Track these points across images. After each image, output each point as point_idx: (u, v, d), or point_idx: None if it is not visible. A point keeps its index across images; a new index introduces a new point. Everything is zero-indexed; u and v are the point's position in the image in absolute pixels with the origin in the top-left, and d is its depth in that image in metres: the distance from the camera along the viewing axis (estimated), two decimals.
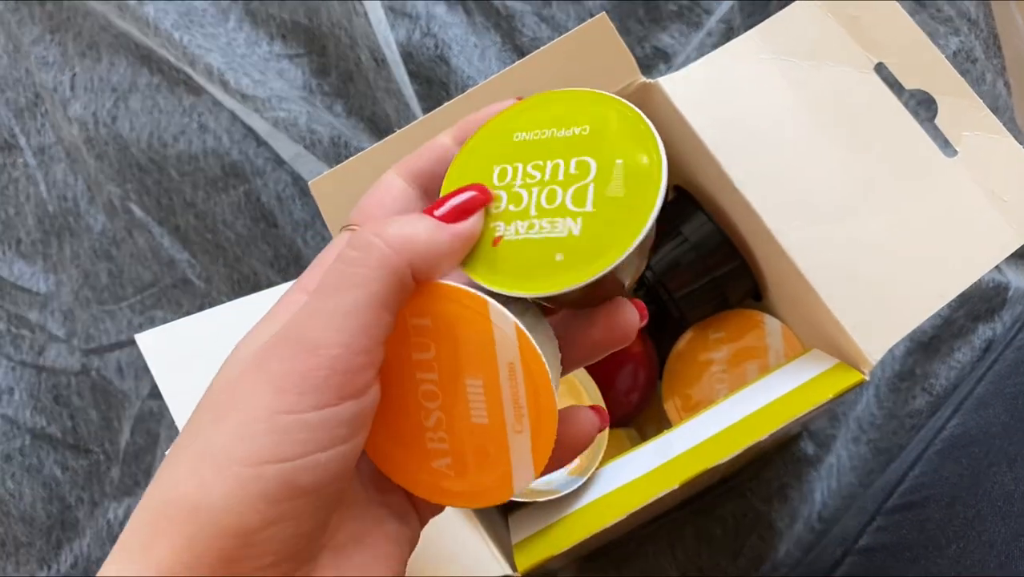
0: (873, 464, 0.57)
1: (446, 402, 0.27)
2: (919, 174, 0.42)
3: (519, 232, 0.27)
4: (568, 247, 0.26)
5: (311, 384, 0.22)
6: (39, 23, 0.65)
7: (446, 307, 0.26)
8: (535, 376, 0.25)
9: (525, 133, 0.29)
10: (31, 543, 0.59)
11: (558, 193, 0.27)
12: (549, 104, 0.29)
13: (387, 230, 0.24)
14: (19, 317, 0.62)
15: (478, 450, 0.27)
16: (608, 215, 0.27)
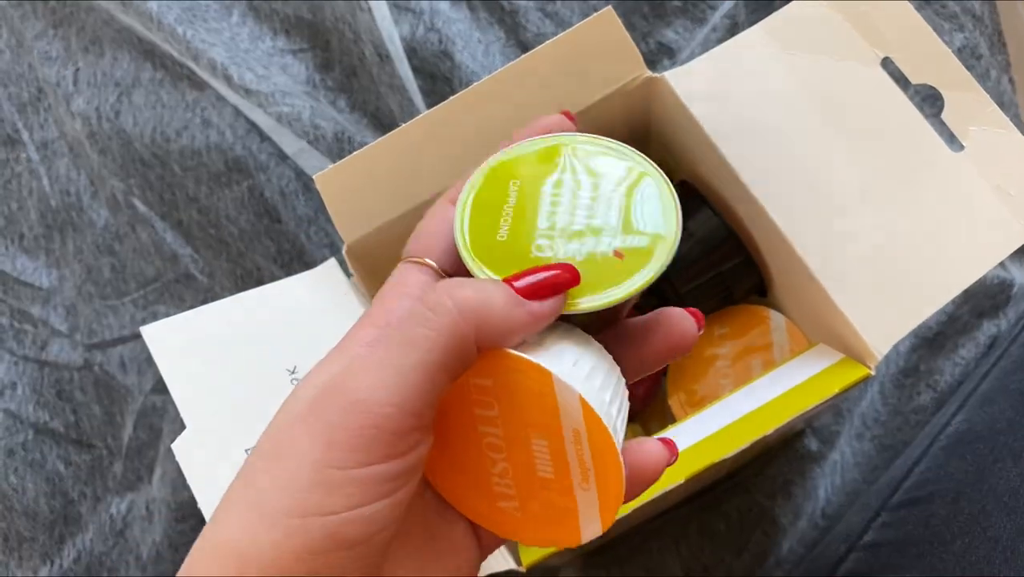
0: (877, 460, 0.57)
1: (511, 455, 0.27)
2: (925, 169, 0.41)
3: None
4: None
5: (360, 441, 0.22)
6: (42, 18, 0.65)
7: (509, 374, 0.25)
8: (600, 444, 0.25)
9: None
10: (34, 538, 0.59)
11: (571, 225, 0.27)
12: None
13: (461, 294, 0.24)
14: (22, 312, 0.62)
15: (545, 500, 0.27)
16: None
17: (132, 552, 0.59)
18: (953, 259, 0.40)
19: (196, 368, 0.40)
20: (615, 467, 0.25)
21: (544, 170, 0.29)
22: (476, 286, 0.25)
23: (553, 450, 0.26)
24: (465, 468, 0.27)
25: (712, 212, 0.47)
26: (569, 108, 0.44)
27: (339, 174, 0.43)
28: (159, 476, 0.59)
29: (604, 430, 0.25)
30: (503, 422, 0.26)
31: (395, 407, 0.22)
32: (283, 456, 0.23)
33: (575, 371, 0.26)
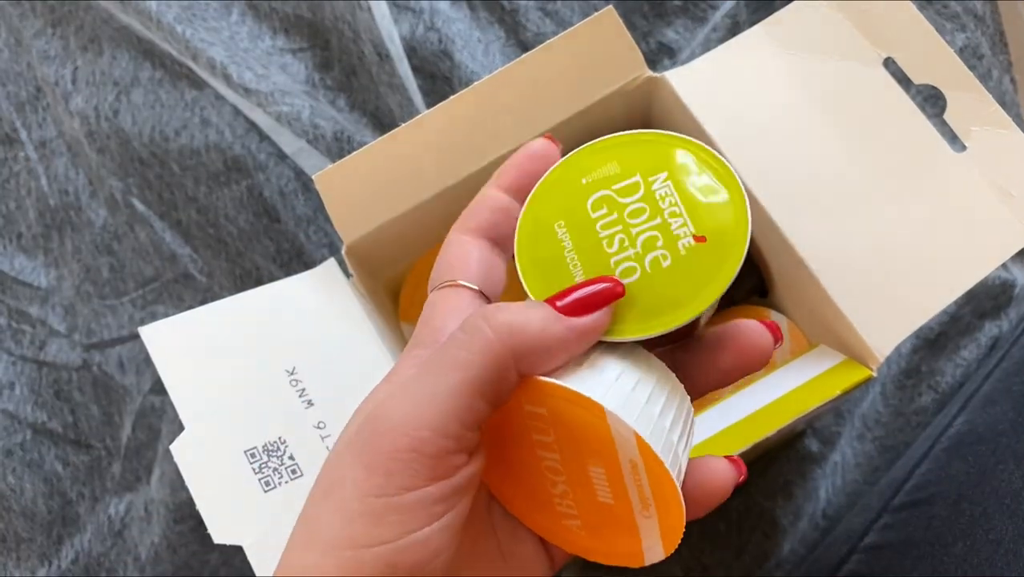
0: (878, 461, 0.57)
1: (570, 479, 0.26)
2: (927, 169, 0.41)
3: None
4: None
5: (399, 466, 0.22)
6: (40, 17, 0.65)
7: (561, 404, 0.25)
8: (658, 477, 0.25)
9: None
10: (32, 538, 0.58)
11: (637, 241, 0.27)
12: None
13: (497, 316, 0.24)
14: (20, 312, 0.62)
15: (607, 522, 0.27)
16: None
17: (130, 553, 0.59)
18: (955, 260, 0.40)
19: (194, 369, 0.40)
20: (675, 501, 0.25)
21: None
22: (514, 307, 0.25)
23: (611, 478, 0.26)
24: (528, 488, 0.27)
25: None
26: (568, 108, 0.44)
27: (338, 174, 0.43)
28: (158, 477, 0.59)
29: (660, 465, 0.24)
30: (559, 448, 0.26)
31: (431, 430, 0.22)
32: (331, 488, 0.23)
33: (631, 400, 0.25)
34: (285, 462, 0.38)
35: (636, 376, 0.26)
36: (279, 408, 0.40)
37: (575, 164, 0.28)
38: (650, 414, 0.25)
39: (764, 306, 0.50)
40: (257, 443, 0.38)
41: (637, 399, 0.25)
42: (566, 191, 0.28)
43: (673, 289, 0.26)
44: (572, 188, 0.28)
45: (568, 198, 0.28)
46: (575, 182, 0.28)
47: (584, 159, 0.28)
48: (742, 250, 0.26)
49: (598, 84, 0.44)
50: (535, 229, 0.28)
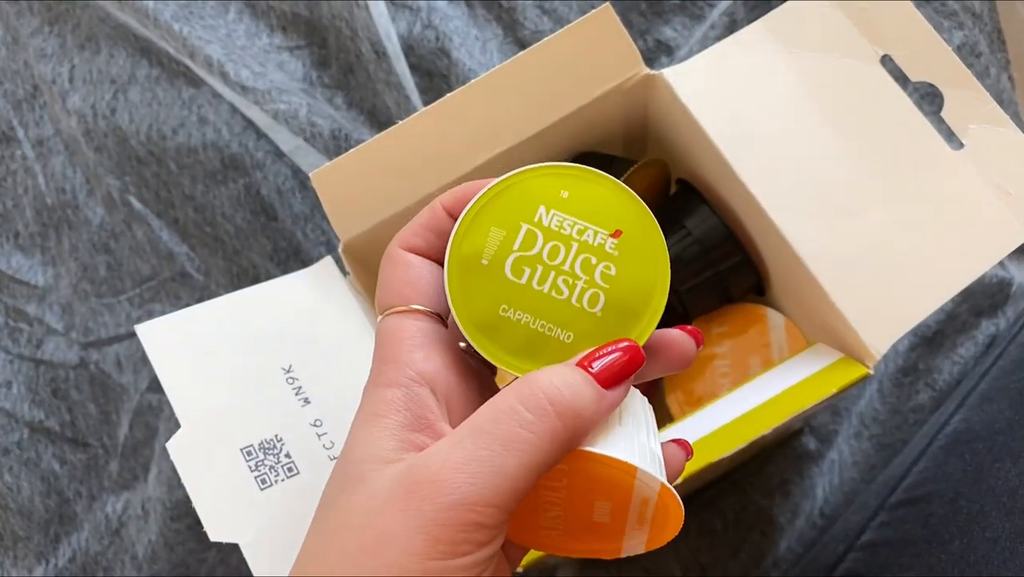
0: (875, 459, 0.57)
1: (568, 509, 0.28)
2: (924, 167, 0.41)
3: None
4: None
5: (462, 536, 0.23)
6: (38, 15, 0.65)
7: (588, 464, 0.26)
8: (667, 506, 0.26)
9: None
10: (29, 537, 0.58)
11: (576, 271, 0.28)
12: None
13: (560, 397, 0.25)
14: (17, 310, 0.62)
15: (592, 533, 0.28)
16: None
17: (127, 551, 0.58)
18: (952, 258, 0.40)
19: (191, 367, 0.40)
20: (675, 520, 0.27)
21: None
22: (565, 381, 0.25)
23: (615, 509, 0.27)
24: (516, 516, 0.28)
25: (710, 211, 0.47)
26: (566, 106, 0.44)
27: (335, 172, 0.43)
28: (155, 475, 0.59)
29: (675, 501, 0.26)
30: (568, 490, 0.27)
31: (496, 507, 0.24)
32: (386, 546, 0.24)
33: (645, 447, 0.27)
34: (281, 460, 0.38)
35: (628, 411, 0.28)
36: (275, 406, 0.39)
37: (465, 251, 0.28)
38: (653, 453, 0.27)
39: (762, 304, 0.50)
40: (253, 441, 0.38)
41: (646, 444, 0.27)
42: (482, 282, 0.28)
43: (635, 283, 0.28)
44: (484, 275, 0.28)
45: (488, 284, 0.28)
46: (479, 268, 0.28)
47: (465, 243, 0.28)
48: (654, 222, 0.28)
49: (595, 82, 0.44)
50: (488, 325, 0.28)
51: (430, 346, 0.28)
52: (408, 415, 0.26)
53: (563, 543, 0.29)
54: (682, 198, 0.49)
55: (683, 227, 0.48)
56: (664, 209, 0.50)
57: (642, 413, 0.29)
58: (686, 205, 0.48)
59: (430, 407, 0.26)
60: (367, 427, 0.26)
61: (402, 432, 0.26)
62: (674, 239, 0.48)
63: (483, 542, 0.24)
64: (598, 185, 0.28)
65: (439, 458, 0.24)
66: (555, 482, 0.27)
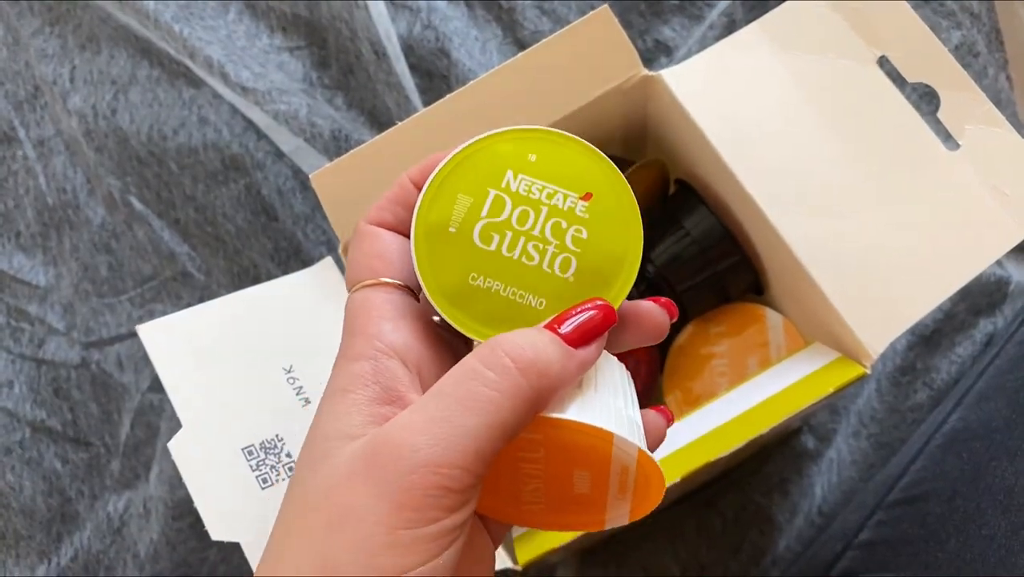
0: (874, 458, 0.57)
1: (548, 481, 0.27)
2: (921, 168, 0.41)
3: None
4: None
5: (428, 501, 0.23)
6: (39, 15, 0.65)
7: (562, 432, 0.25)
8: (649, 475, 0.26)
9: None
10: (31, 536, 0.59)
11: (547, 236, 0.27)
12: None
13: (523, 355, 0.24)
14: (19, 310, 0.62)
15: (574, 506, 0.27)
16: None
17: (129, 550, 0.59)
18: (948, 258, 0.40)
19: (192, 367, 0.40)
20: (657, 488, 0.26)
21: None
22: (529, 341, 0.25)
23: (595, 478, 0.26)
24: (497, 489, 0.28)
25: (708, 211, 0.47)
26: (565, 106, 0.44)
27: (335, 173, 0.43)
28: (156, 474, 0.59)
29: (655, 467, 0.25)
30: (546, 461, 0.26)
31: (461, 469, 0.23)
32: (350, 520, 0.23)
33: (622, 414, 0.26)
34: (282, 460, 0.38)
35: (604, 377, 0.27)
36: (276, 406, 0.40)
37: (432, 219, 0.27)
38: (631, 419, 0.26)
39: (760, 304, 0.50)
40: (254, 441, 0.38)
41: (623, 411, 0.26)
42: (450, 251, 0.27)
43: (607, 247, 0.27)
44: (451, 244, 0.27)
45: (456, 253, 0.27)
46: (446, 236, 0.27)
47: (432, 211, 0.27)
48: (625, 184, 0.27)
49: (594, 83, 0.44)
50: (458, 294, 0.27)
51: (400, 318, 0.27)
52: (377, 388, 0.25)
53: (546, 517, 0.28)
54: (680, 198, 0.49)
55: (681, 227, 0.48)
56: (662, 209, 0.50)
57: (620, 381, 0.28)
58: (684, 205, 0.48)
59: (400, 378, 0.25)
60: (334, 402, 0.25)
61: (370, 406, 0.25)
62: (672, 239, 0.48)
63: (451, 507, 0.23)
64: (566, 148, 0.28)
65: (400, 425, 0.24)
66: (532, 453, 0.26)
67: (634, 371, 0.52)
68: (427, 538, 0.23)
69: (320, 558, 0.23)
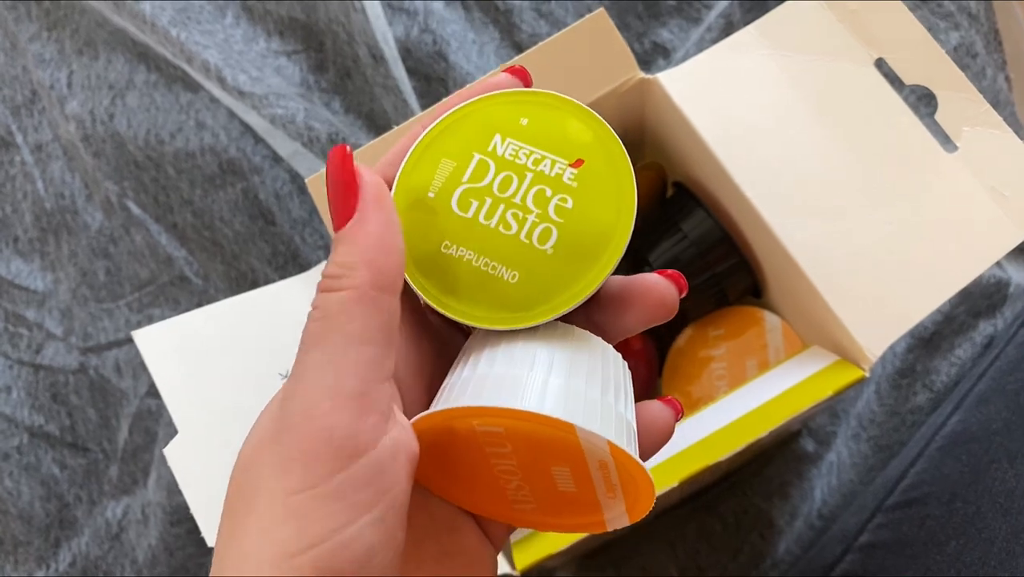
0: (873, 461, 0.57)
1: (528, 478, 0.25)
2: (919, 170, 0.41)
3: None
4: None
5: (311, 453, 0.20)
6: (36, 21, 0.65)
7: (521, 423, 0.23)
8: (629, 470, 0.23)
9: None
10: (29, 541, 0.59)
11: (528, 204, 0.25)
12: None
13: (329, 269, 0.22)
14: (17, 315, 0.62)
15: (567, 506, 0.26)
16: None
17: (127, 556, 0.59)
18: (947, 260, 0.40)
19: (188, 372, 0.40)
20: (644, 485, 0.24)
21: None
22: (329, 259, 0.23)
23: (576, 474, 0.25)
24: (478, 489, 0.26)
25: (706, 214, 0.47)
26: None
27: None
28: (154, 480, 0.59)
29: (632, 461, 0.23)
30: (517, 456, 0.25)
31: (330, 399, 0.21)
32: (250, 496, 0.21)
33: (600, 406, 0.24)
34: None
35: (580, 365, 0.25)
36: None
37: (412, 183, 0.26)
38: (612, 411, 0.24)
39: (758, 306, 0.50)
40: None
41: (599, 400, 0.24)
42: (426, 217, 0.26)
43: (593, 218, 0.25)
44: (428, 210, 0.26)
45: (432, 219, 0.26)
46: (424, 202, 0.26)
47: (413, 175, 0.26)
48: (623, 152, 0.25)
49: (591, 85, 0.44)
50: (428, 262, 0.25)
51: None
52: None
53: (541, 518, 0.27)
54: (678, 201, 0.49)
55: (679, 230, 0.48)
56: (660, 212, 0.50)
57: (603, 369, 0.25)
58: (682, 208, 0.48)
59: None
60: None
61: None
62: (670, 242, 0.48)
63: (344, 457, 0.20)
64: (561, 111, 0.26)
65: (287, 389, 0.22)
66: (499, 448, 0.24)
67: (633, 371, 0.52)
68: (326, 500, 0.20)
69: (236, 546, 0.21)
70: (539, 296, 0.25)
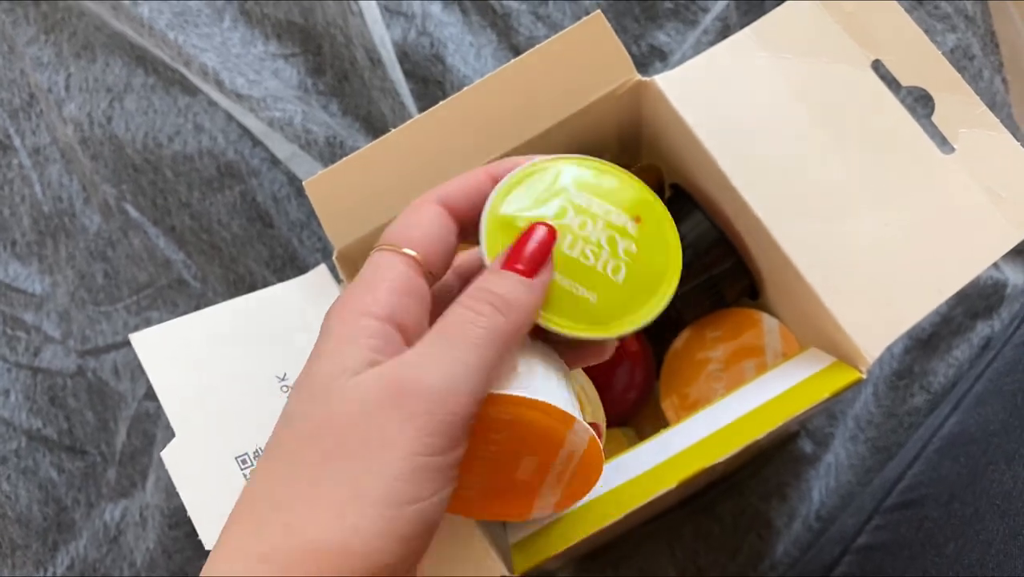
0: (871, 462, 0.57)
1: (495, 466, 0.30)
2: (916, 171, 0.41)
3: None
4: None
5: (446, 428, 0.25)
6: (34, 24, 0.65)
7: (530, 414, 0.28)
8: (592, 464, 0.29)
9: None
10: (27, 545, 0.58)
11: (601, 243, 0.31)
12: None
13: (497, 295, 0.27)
14: (15, 318, 0.62)
15: (508, 492, 0.30)
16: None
17: (126, 559, 0.59)
18: (944, 262, 0.40)
19: (186, 375, 0.40)
20: (593, 478, 0.30)
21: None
22: (499, 279, 0.28)
23: (540, 465, 0.29)
24: None
25: (703, 216, 0.47)
26: (560, 112, 0.44)
27: (329, 180, 0.43)
28: (153, 482, 0.59)
29: (600, 457, 0.29)
30: (503, 443, 0.29)
31: (468, 395, 0.25)
32: (374, 448, 0.24)
33: (572, 404, 0.29)
34: None
35: (559, 373, 0.31)
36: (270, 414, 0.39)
37: (502, 216, 0.31)
38: (582, 414, 0.30)
39: (755, 308, 0.50)
40: (248, 449, 0.38)
41: (573, 402, 0.30)
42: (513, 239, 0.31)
43: (652, 262, 0.32)
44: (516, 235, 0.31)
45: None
46: (514, 230, 0.31)
47: (503, 204, 0.31)
48: (668, 214, 0.33)
49: (588, 88, 0.44)
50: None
51: (405, 288, 0.29)
52: (379, 341, 0.27)
53: (475, 505, 0.31)
54: (675, 203, 0.49)
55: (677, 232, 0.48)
56: None
57: (568, 380, 0.32)
58: (679, 210, 0.48)
59: (398, 345, 0.28)
60: (338, 345, 0.27)
61: (371, 354, 0.27)
62: None
63: (456, 441, 0.25)
64: (620, 179, 0.33)
65: (411, 363, 0.26)
66: (495, 434, 0.29)
67: (629, 375, 0.52)
68: (440, 468, 0.25)
69: (344, 489, 0.24)
70: (614, 313, 0.31)
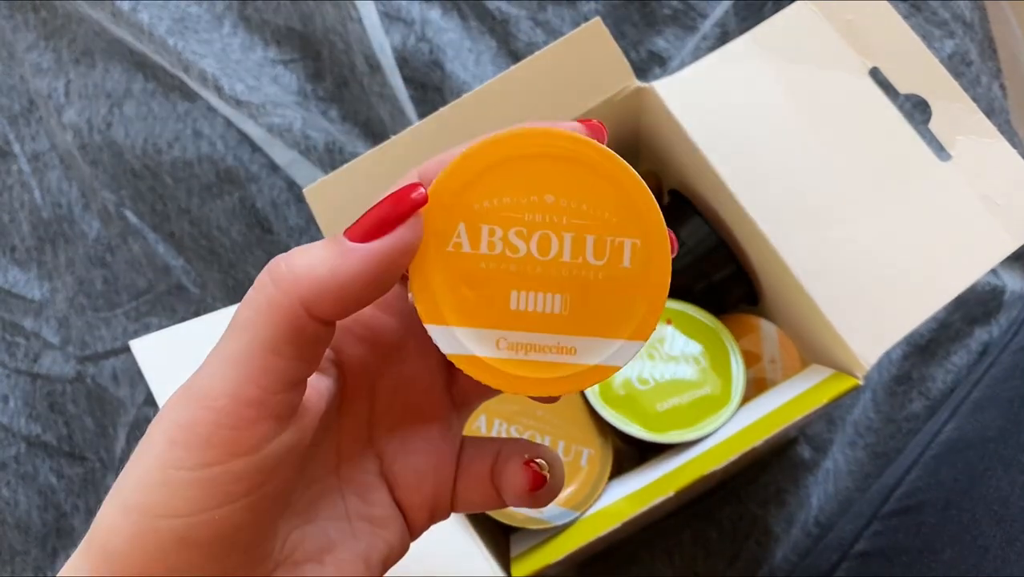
0: (869, 468, 0.57)
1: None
2: (914, 178, 0.41)
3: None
4: None
5: (197, 438, 0.21)
6: (33, 30, 0.65)
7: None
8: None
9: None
10: (26, 551, 0.58)
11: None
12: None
13: (280, 265, 0.22)
14: (14, 324, 0.62)
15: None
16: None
17: None
18: (940, 269, 0.40)
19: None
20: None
21: None
22: (305, 250, 0.22)
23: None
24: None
25: (702, 221, 0.47)
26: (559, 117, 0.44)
27: (329, 187, 0.43)
28: None
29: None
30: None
31: (228, 397, 0.21)
32: (140, 454, 0.22)
33: None
34: None
35: None
36: None
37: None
38: None
39: (754, 315, 0.50)
40: None
41: None
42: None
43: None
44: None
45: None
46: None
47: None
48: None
49: (587, 94, 0.44)
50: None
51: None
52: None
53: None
54: (674, 209, 0.49)
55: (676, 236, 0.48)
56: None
57: None
58: (678, 216, 0.48)
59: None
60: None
61: None
62: None
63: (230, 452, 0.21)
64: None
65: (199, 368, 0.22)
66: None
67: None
68: (198, 483, 0.21)
69: (118, 484, 0.22)
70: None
